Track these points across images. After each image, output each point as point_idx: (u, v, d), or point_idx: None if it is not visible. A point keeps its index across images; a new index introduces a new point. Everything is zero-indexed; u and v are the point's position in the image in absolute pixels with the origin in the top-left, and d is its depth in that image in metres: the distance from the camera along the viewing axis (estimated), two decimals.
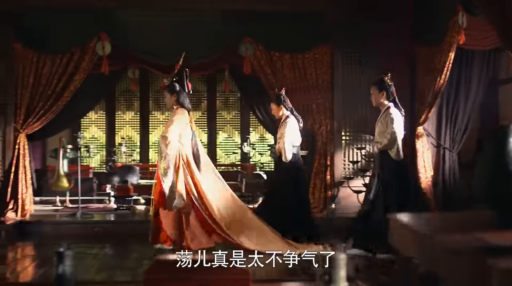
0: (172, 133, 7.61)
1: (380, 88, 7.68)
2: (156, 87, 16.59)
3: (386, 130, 7.50)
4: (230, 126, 16.71)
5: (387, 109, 7.62)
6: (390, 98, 7.69)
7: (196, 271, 3.59)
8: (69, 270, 3.44)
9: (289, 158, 8.62)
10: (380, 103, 7.75)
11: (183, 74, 8.24)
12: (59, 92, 10.77)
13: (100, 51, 10.84)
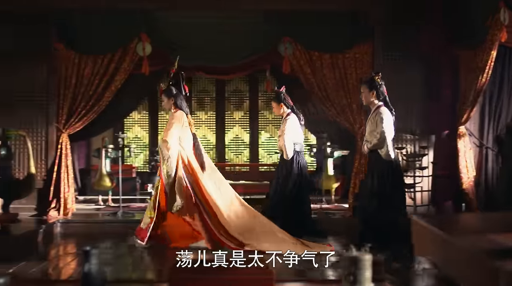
0: (172, 137, 7.78)
1: (371, 87, 7.66)
2: (198, 87, 16.67)
3: (376, 129, 7.47)
4: (272, 126, 16.68)
5: (377, 109, 7.60)
6: (380, 97, 7.66)
7: (220, 271, 3.58)
8: (95, 268, 3.46)
9: (290, 155, 8.64)
10: (370, 102, 7.73)
11: (180, 77, 8.32)
12: (100, 92, 10.90)
13: (140, 52, 10.93)
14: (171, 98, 8.19)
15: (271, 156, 16.43)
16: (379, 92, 7.65)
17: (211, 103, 16.78)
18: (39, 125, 10.97)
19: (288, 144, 8.64)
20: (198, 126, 16.72)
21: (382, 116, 7.47)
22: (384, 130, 7.39)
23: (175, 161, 7.71)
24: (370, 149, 7.58)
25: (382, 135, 7.38)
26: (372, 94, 7.66)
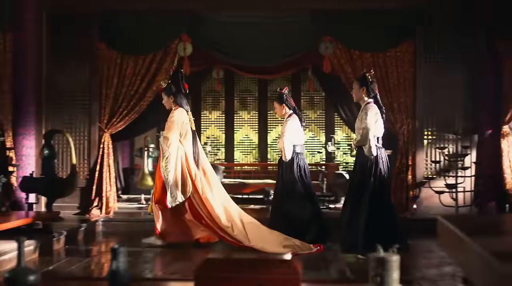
0: (172, 134, 7.93)
1: (361, 84, 7.73)
2: (241, 87, 16.72)
3: (360, 126, 7.51)
4: (314, 125, 16.65)
5: (365, 105, 7.65)
6: (371, 94, 7.69)
7: (246, 270, 3.59)
8: (122, 266, 3.50)
9: (288, 157, 8.61)
10: (360, 99, 7.80)
11: (179, 75, 8.39)
12: (142, 92, 10.99)
13: (181, 52, 10.99)
14: (170, 96, 8.32)
15: (314, 156, 16.38)
16: (369, 89, 7.70)
17: (253, 103, 16.81)
18: (81, 125, 11.11)
19: (287, 145, 8.63)
20: (240, 126, 16.79)
21: (366, 113, 7.53)
22: (367, 126, 7.42)
23: (174, 157, 7.86)
24: (356, 146, 7.65)
25: (364, 132, 7.42)
26: (362, 91, 7.73)
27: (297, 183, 8.56)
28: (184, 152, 7.97)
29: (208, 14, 11.07)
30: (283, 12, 11.15)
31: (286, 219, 8.40)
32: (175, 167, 7.84)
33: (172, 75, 8.31)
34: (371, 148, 7.41)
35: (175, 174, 7.83)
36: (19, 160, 10.39)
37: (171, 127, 7.97)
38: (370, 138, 7.40)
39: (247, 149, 16.84)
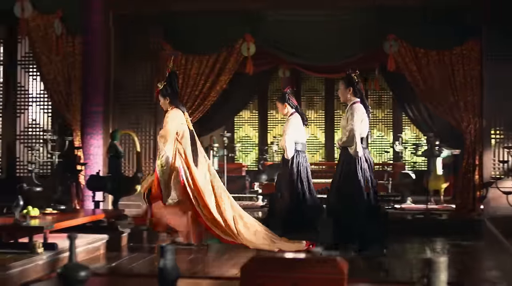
0: (168, 133, 8.03)
1: (348, 84, 7.71)
2: (307, 86, 16.73)
3: (346, 126, 7.53)
4: (382, 124, 16.51)
5: (351, 105, 7.65)
6: (357, 94, 7.68)
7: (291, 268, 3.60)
8: (170, 264, 3.56)
9: (290, 155, 8.69)
10: (346, 99, 7.79)
11: (174, 77, 8.44)
12: (206, 92, 11.12)
13: (245, 52, 11.07)
14: (166, 97, 8.36)
15: (381, 155, 16.23)
16: (355, 89, 7.68)
17: (320, 102, 16.78)
18: (147, 124, 11.30)
19: (289, 143, 8.72)
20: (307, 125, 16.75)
21: (353, 113, 7.53)
22: (353, 127, 7.41)
23: (171, 156, 8.00)
24: (341, 145, 7.68)
25: (351, 133, 7.42)
26: (348, 91, 7.71)
27: (296, 180, 8.67)
28: (183, 151, 8.09)
29: (271, 14, 11.12)
30: (346, 10, 11.11)
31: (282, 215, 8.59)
32: (171, 166, 7.99)
33: (168, 76, 8.43)
34: (357, 148, 7.39)
35: (171, 173, 7.98)
36: (87, 159, 10.63)
37: (167, 127, 8.10)
38: (357, 139, 7.40)
39: (313, 148, 16.81)
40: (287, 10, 11.17)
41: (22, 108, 12.23)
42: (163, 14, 11.10)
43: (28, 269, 5.85)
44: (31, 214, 7.13)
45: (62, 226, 7.06)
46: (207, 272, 5.94)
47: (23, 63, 12.18)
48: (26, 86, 12.25)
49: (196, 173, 8.05)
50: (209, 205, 7.94)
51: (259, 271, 3.71)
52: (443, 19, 10.72)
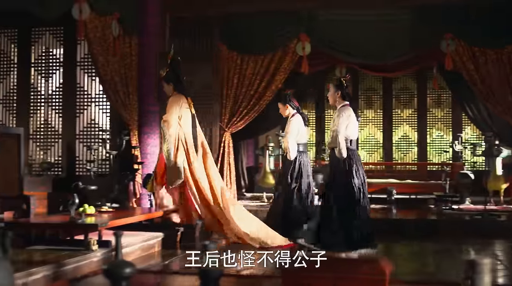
0: (171, 117, 8.25)
1: (337, 88, 7.95)
2: (365, 85, 16.62)
3: (332, 128, 7.78)
4: (441, 124, 16.27)
5: (339, 108, 7.89)
6: (346, 98, 7.93)
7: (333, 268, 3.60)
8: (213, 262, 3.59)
9: (293, 156, 8.74)
10: (335, 102, 8.01)
11: (176, 63, 8.65)
12: (261, 92, 11.17)
13: (300, 51, 11.06)
14: (170, 83, 8.59)
15: (440, 155, 16.00)
16: (344, 93, 7.92)
17: (378, 101, 16.64)
18: (203, 124, 11.33)
19: (292, 144, 8.77)
20: (365, 125, 16.66)
21: (339, 116, 7.77)
22: (338, 129, 7.62)
23: (174, 139, 8.22)
24: (329, 147, 7.95)
25: (334, 134, 7.66)
26: (337, 94, 7.94)
27: (296, 180, 8.74)
28: (183, 134, 8.31)
29: (325, 14, 11.10)
30: (402, 9, 11.01)
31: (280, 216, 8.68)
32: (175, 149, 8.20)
33: (169, 63, 8.51)
34: (341, 150, 7.56)
35: (175, 155, 8.19)
36: (143, 158, 10.77)
37: (170, 111, 8.31)
38: (340, 141, 7.56)
39: (371, 148, 16.68)
40: (341, 10, 11.14)
41: (81, 108, 12.48)
42: (218, 15, 11.19)
43: (82, 266, 5.97)
44: (87, 212, 7.29)
45: (116, 224, 7.18)
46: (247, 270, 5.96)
47: (82, 64, 12.43)
48: (85, 86, 12.49)
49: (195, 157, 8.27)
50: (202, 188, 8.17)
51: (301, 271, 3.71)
52: (499, 17, 10.51)
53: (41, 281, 5.30)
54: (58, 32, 12.59)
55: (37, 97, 12.73)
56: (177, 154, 8.22)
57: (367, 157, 16.68)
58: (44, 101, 12.67)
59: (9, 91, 12.83)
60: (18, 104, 12.75)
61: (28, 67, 12.74)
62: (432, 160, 16.26)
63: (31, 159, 12.55)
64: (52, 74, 12.70)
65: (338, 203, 7.64)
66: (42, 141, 12.65)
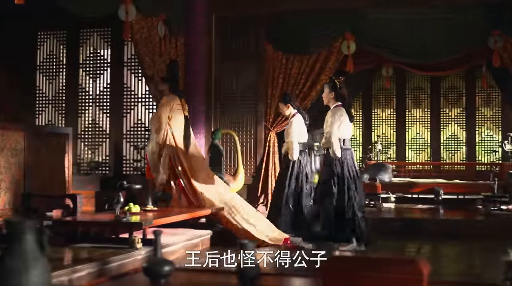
0: (160, 117, 8.41)
1: (331, 89, 8.20)
2: (412, 85, 16.47)
3: (325, 129, 8.00)
4: (490, 123, 16.05)
5: (332, 109, 8.12)
6: (339, 99, 8.15)
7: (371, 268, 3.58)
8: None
9: (295, 157, 8.92)
10: (329, 102, 8.24)
11: (174, 65, 8.87)
12: (306, 91, 11.11)
13: (345, 50, 11.00)
14: (167, 83, 8.75)
15: (489, 155, 15.76)
16: (337, 94, 8.14)
17: (426, 100, 16.48)
18: (248, 124, 11.39)
19: (295, 145, 8.94)
20: (412, 124, 16.52)
21: (332, 116, 8.01)
22: (330, 130, 7.87)
23: (161, 139, 8.38)
24: (323, 147, 8.16)
25: (328, 135, 7.91)
26: (331, 95, 8.18)
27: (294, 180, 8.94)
28: (171, 134, 8.45)
29: (371, 12, 10.98)
30: (449, 7, 10.85)
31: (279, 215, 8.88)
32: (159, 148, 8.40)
33: (168, 64, 8.67)
34: (335, 150, 7.81)
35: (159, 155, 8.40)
36: None
37: (160, 111, 8.48)
38: (333, 142, 7.83)
39: (419, 147, 16.53)
40: (387, 8, 10.99)
41: (128, 108, 12.63)
42: (264, 15, 11.17)
43: (126, 264, 6.03)
44: (132, 210, 7.37)
45: (161, 222, 7.25)
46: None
47: (129, 65, 12.58)
48: (132, 87, 12.65)
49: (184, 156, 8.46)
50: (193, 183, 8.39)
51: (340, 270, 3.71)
52: None
53: (86, 278, 5.37)
54: (106, 33, 12.79)
55: (85, 97, 12.94)
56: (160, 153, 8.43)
57: (414, 156, 16.54)
58: (92, 102, 12.87)
59: (58, 91, 13.07)
60: (67, 105, 12.97)
61: (76, 68, 12.96)
62: (480, 159, 16.05)
63: (79, 158, 12.75)
64: (99, 74, 12.90)
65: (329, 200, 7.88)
66: (90, 141, 12.85)
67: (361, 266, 3.74)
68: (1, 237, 2.55)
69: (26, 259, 2.43)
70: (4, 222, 2.48)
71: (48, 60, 13.15)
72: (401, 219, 10.44)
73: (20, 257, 2.43)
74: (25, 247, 2.45)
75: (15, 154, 8.09)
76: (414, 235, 9.11)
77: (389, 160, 15.96)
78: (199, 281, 3.82)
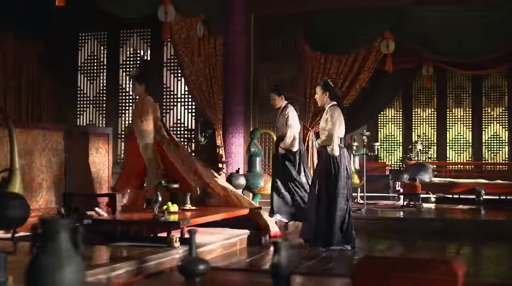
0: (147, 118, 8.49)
1: (324, 89, 8.14)
2: (453, 84, 16.28)
3: (325, 127, 7.94)
4: None
5: (329, 108, 8.05)
6: (333, 98, 8.14)
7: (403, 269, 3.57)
8: (284, 260, 3.62)
9: (296, 147, 9.12)
10: (323, 103, 8.19)
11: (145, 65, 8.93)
12: (345, 91, 11.06)
13: (384, 49, 10.92)
14: (142, 83, 8.68)
15: None
16: (332, 94, 8.13)
17: (467, 99, 16.29)
18: None
19: (297, 135, 9.21)
20: (453, 124, 16.35)
21: (332, 115, 7.94)
22: (332, 128, 7.86)
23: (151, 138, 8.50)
24: (320, 145, 8.09)
25: (330, 133, 7.87)
26: (325, 95, 8.13)
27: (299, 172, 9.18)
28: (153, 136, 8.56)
29: (411, 11, 10.87)
30: (485, 5, 10.72)
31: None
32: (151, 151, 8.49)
33: (140, 64, 8.56)
34: (334, 149, 7.83)
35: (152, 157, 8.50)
36: (228, 157, 10.91)
37: (147, 111, 8.54)
38: (335, 140, 7.85)
39: (460, 147, 16.34)
40: (427, 6, 10.90)
41: (167, 108, 12.74)
42: (302, 14, 11.17)
43: (164, 262, 6.08)
44: (170, 209, 7.42)
45: (199, 221, 7.29)
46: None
47: (168, 65, 12.67)
48: (171, 87, 12.74)
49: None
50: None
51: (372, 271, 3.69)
52: None
53: (124, 276, 5.43)
54: (145, 34, 12.90)
55: (125, 97, 13.07)
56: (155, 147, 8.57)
57: (455, 156, 16.35)
58: (132, 102, 12.99)
59: (99, 92, 13.23)
60: (107, 105, 13.13)
61: (116, 69, 13.11)
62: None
63: (119, 157, 12.88)
64: None
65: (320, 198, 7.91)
66: None
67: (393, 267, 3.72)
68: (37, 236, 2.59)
69: (60, 257, 2.47)
70: (40, 221, 2.52)
71: (89, 61, 13.33)
72: (441, 220, 10.34)
73: (54, 255, 2.47)
74: (59, 245, 2.49)
75: (56, 154, 8.24)
76: (454, 236, 9.00)
77: (429, 160, 15.81)
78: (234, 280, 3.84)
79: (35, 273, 2.45)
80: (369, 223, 10.12)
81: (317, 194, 7.93)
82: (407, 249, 8.14)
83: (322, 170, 7.96)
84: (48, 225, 2.49)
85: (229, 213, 8.46)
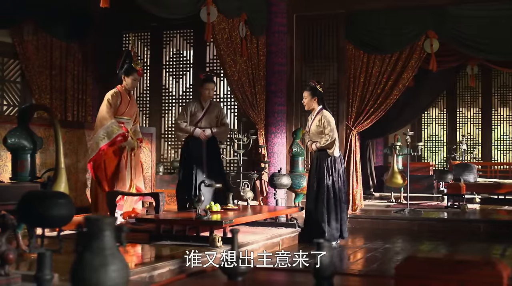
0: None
1: (313, 94, 8.37)
2: (499, 83, 16.06)
3: (324, 131, 8.19)
4: None
5: (320, 112, 8.33)
6: (320, 103, 8.40)
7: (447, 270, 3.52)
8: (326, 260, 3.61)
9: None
10: (311, 107, 8.44)
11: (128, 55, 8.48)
12: (388, 91, 10.97)
13: (428, 49, 10.81)
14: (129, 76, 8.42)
15: None
16: (319, 99, 8.39)
17: None
18: None
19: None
20: (498, 123, 16.14)
21: (328, 119, 8.26)
22: (334, 133, 8.20)
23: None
24: (319, 148, 8.27)
25: (333, 137, 8.16)
26: (314, 100, 8.37)
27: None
28: None
29: (454, 9, 10.74)
30: None
31: None
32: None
33: (126, 55, 8.41)
34: (334, 151, 8.18)
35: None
36: (270, 157, 10.93)
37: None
38: (336, 142, 8.21)
39: (506, 147, 16.10)
40: (471, 5, 10.76)
41: None
42: (344, 14, 11.13)
43: (206, 262, 6.11)
44: (213, 209, 7.47)
45: (241, 221, 7.34)
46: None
47: (211, 65, 12.73)
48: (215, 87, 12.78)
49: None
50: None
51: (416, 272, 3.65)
52: None
53: (166, 274, 5.48)
54: (188, 34, 12.97)
55: (168, 97, 13.16)
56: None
57: (501, 156, 16.12)
58: (175, 102, 13.09)
59: (143, 92, 13.35)
60: (151, 105, 13.24)
61: (160, 69, 13.21)
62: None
63: (163, 157, 12.99)
64: (182, 75, 13.11)
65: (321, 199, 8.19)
66: (173, 141, 13.06)
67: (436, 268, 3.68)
68: (82, 234, 2.64)
69: (104, 255, 2.51)
70: (84, 219, 2.57)
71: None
72: (486, 221, 10.19)
73: (98, 253, 2.51)
74: (103, 244, 2.53)
75: None
76: (499, 238, 8.89)
77: (474, 160, 15.62)
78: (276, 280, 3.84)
79: (80, 271, 2.49)
80: (413, 224, 10.07)
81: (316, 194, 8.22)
82: (450, 250, 8.06)
83: (323, 170, 8.20)
84: (93, 223, 2.53)
85: (273, 213, 8.50)
